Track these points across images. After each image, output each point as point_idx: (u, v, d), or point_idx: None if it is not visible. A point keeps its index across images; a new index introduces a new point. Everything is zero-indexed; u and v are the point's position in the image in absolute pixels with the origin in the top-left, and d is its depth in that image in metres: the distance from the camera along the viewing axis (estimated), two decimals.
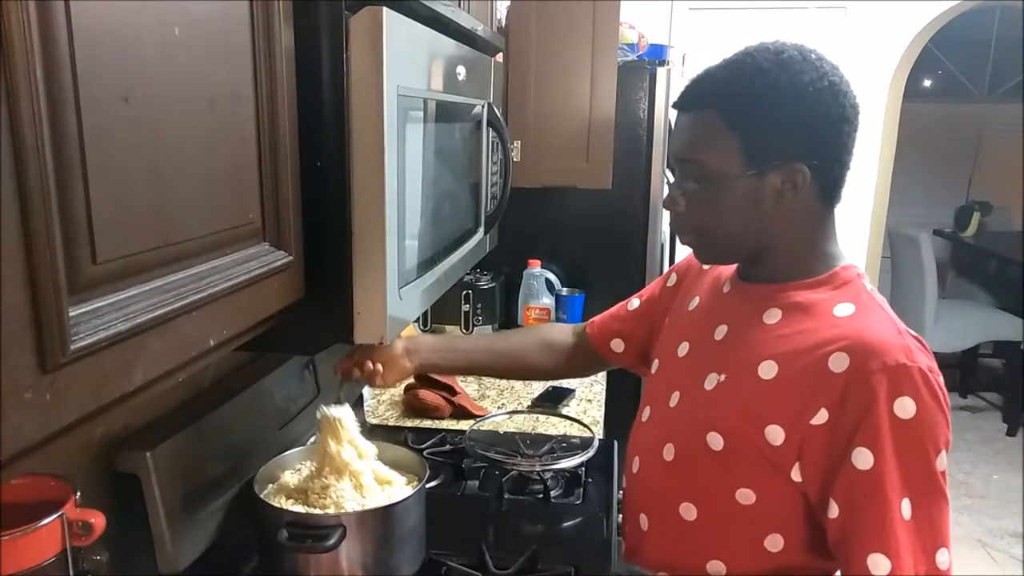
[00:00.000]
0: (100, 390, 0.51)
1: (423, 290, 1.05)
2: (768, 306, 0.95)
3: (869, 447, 0.81)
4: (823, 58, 0.90)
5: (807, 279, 0.93)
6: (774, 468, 0.89)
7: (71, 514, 0.78)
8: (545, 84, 2.08)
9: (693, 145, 0.92)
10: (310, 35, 0.79)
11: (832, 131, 0.90)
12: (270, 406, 1.31)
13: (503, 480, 1.47)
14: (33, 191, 0.44)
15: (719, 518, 0.95)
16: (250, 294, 0.71)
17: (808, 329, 0.89)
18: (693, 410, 0.98)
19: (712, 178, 0.91)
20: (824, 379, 0.85)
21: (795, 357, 0.88)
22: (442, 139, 1.12)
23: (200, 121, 0.63)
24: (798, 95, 0.87)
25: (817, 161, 0.89)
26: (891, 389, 0.81)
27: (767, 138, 0.88)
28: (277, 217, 0.77)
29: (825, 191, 0.92)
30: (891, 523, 0.81)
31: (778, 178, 0.89)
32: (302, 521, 1.04)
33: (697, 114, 0.92)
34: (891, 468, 0.81)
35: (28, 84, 0.43)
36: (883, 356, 0.82)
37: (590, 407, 1.91)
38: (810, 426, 0.85)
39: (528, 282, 2.38)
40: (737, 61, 0.91)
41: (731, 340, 0.98)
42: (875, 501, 0.82)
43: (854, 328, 0.86)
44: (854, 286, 0.92)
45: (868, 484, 0.82)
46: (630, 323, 1.27)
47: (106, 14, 0.50)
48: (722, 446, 0.92)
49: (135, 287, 0.55)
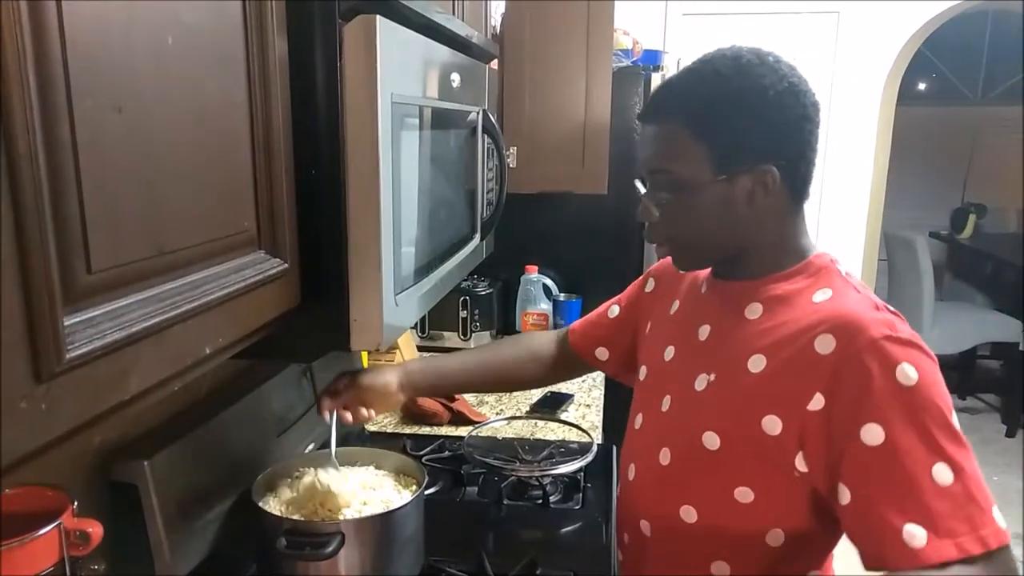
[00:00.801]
0: (95, 399, 0.51)
1: (419, 296, 1.05)
2: (748, 301, 0.96)
3: (877, 421, 0.79)
4: (780, 60, 0.92)
5: (782, 271, 0.95)
6: (773, 463, 0.89)
7: (69, 524, 0.77)
8: (540, 90, 2.09)
9: (661, 155, 0.93)
10: (304, 43, 0.79)
11: (796, 130, 0.91)
12: (268, 414, 1.31)
13: (502, 486, 1.47)
14: (27, 202, 0.44)
15: (719, 518, 0.95)
16: (246, 302, 0.71)
17: (790, 319, 0.91)
18: (686, 412, 0.99)
19: (684, 186, 0.92)
20: (814, 363, 0.85)
21: (782, 347, 0.89)
22: (437, 146, 1.12)
23: (194, 130, 0.63)
24: (760, 98, 0.89)
25: (784, 161, 0.91)
26: (885, 361, 0.81)
27: (734, 143, 0.90)
28: (272, 225, 0.77)
29: (794, 189, 0.94)
30: (921, 492, 0.77)
31: (748, 181, 0.91)
32: (301, 529, 1.04)
33: (663, 125, 0.93)
34: (907, 437, 0.78)
35: (22, 95, 0.43)
36: (868, 331, 0.83)
37: (589, 412, 1.91)
38: (808, 412, 0.85)
39: (525, 287, 2.38)
40: (697, 70, 0.93)
41: (716, 339, 0.98)
42: (896, 473, 0.79)
43: (834, 310, 0.87)
44: (828, 272, 0.94)
45: (884, 458, 0.79)
46: (613, 331, 1.27)
47: (99, 25, 0.50)
48: (718, 445, 0.93)
49: (130, 296, 0.55)
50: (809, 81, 0.93)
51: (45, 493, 0.81)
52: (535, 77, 2.09)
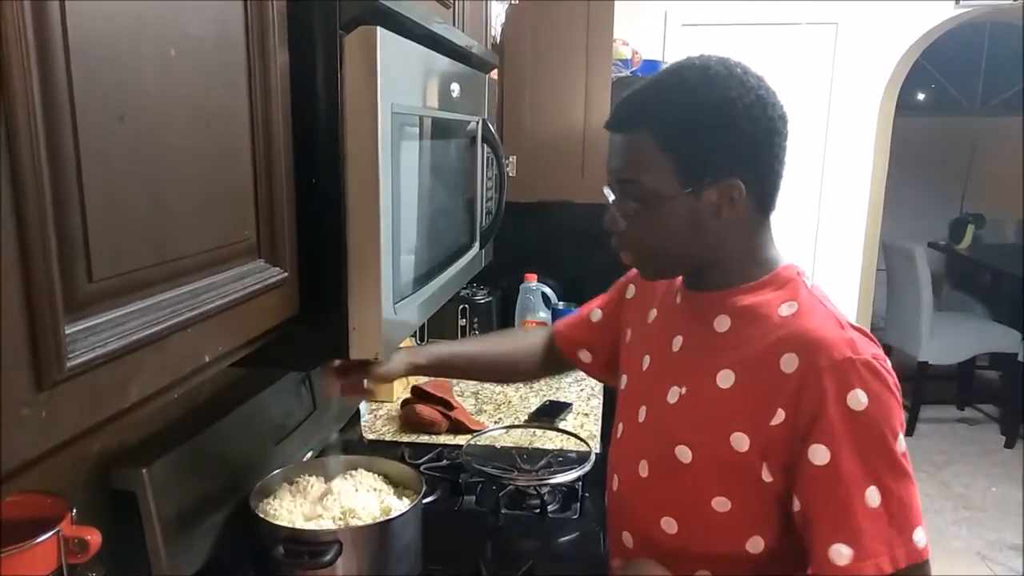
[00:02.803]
0: (96, 407, 0.52)
1: (418, 305, 1.05)
2: (717, 313, 0.97)
3: (824, 443, 0.83)
4: (748, 71, 0.91)
5: (750, 283, 0.96)
6: (743, 475, 0.91)
7: (67, 531, 0.78)
8: (540, 100, 2.10)
9: (629, 165, 0.93)
10: (305, 54, 0.80)
11: (763, 144, 0.91)
12: (266, 421, 1.31)
13: (500, 495, 1.47)
14: (31, 211, 0.44)
15: (699, 529, 0.96)
16: (245, 310, 0.71)
17: (758, 334, 0.92)
18: (659, 425, 1.00)
19: (651, 198, 0.92)
20: (778, 381, 0.87)
21: (749, 363, 0.91)
22: (437, 155, 1.13)
23: (196, 140, 0.63)
24: (727, 111, 0.88)
25: (751, 174, 0.91)
26: (841, 384, 0.83)
27: (700, 156, 0.90)
28: (272, 234, 0.77)
29: (761, 202, 0.94)
30: (852, 513, 0.82)
31: (714, 194, 0.90)
32: (298, 537, 1.04)
33: (630, 134, 0.93)
34: (849, 460, 0.82)
35: (26, 105, 0.43)
36: (830, 352, 0.85)
37: (587, 421, 1.91)
38: (770, 427, 0.87)
39: (524, 296, 2.38)
40: (664, 80, 0.93)
41: (687, 351, 1.00)
42: (835, 494, 0.83)
43: (799, 327, 0.89)
44: (794, 284, 0.95)
45: (826, 478, 0.83)
46: (595, 334, 1.27)
47: (103, 36, 0.51)
48: (691, 459, 0.94)
49: (131, 304, 0.55)
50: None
51: (44, 500, 0.81)
52: (535, 87, 2.11)
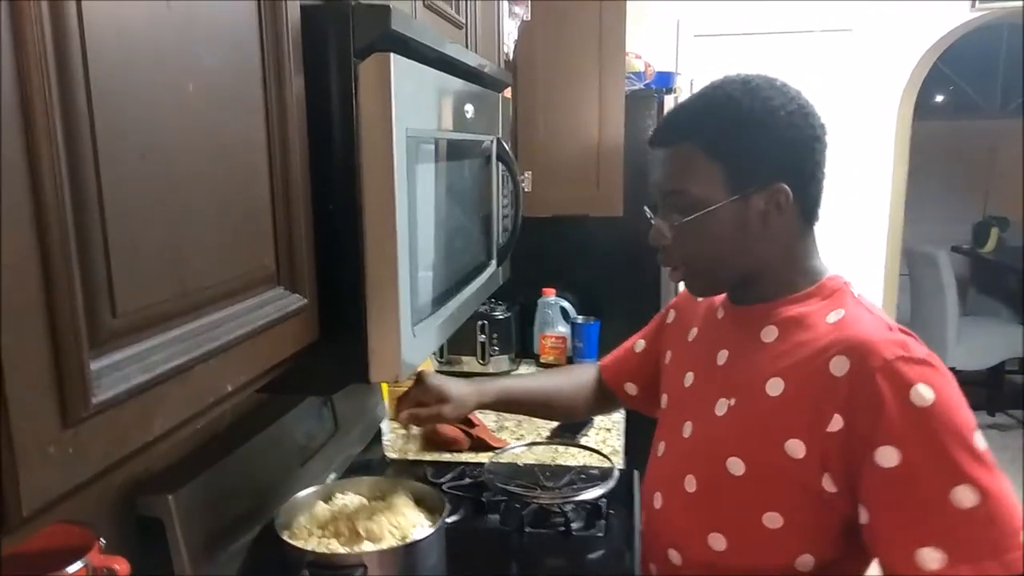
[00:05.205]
0: (121, 441, 0.52)
1: (438, 326, 1.05)
2: (763, 324, 0.96)
3: (892, 443, 0.80)
4: (787, 84, 0.94)
5: (796, 293, 0.96)
6: (800, 486, 0.89)
7: (96, 561, 0.78)
8: (554, 114, 2.10)
9: (676, 176, 0.95)
10: (320, 82, 0.81)
11: (806, 150, 0.93)
12: (289, 444, 1.32)
13: (523, 513, 1.46)
14: (55, 248, 0.45)
15: (749, 545, 0.94)
16: (266, 339, 0.72)
17: (805, 340, 0.91)
18: (708, 438, 0.99)
19: (699, 206, 0.93)
20: (829, 384, 0.86)
21: (798, 369, 0.90)
22: (452, 176, 1.13)
23: (214, 170, 0.64)
24: (771, 119, 0.91)
25: (796, 180, 0.92)
26: (897, 383, 0.81)
27: (747, 162, 0.91)
28: (291, 261, 0.78)
29: (805, 209, 0.95)
30: (936, 515, 0.78)
31: (762, 200, 0.92)
32: (323, 561, 1.04)
33: (675, 148, 0.95)
34: (923, 459, 0.79)
35: (49, 145, 0.44)
36: (881, 352, 0.83)
37: (609, 436, 1.90)
38: (827, 434, 0.85)
39: (543, 311, 2.38)
40: (707, 94, 0.95)
41: (733, 363, 0.99)
42: (913, 495, 0.79)
43: (847, 331, 0.88)
44: (841, 294, 0.95)
45: (899, 481, 0.80)
46: (640, 365, 1.29)
47: (123, 75, 0.51)
48: (743, 470, 0.92)
49: (154, 338, 0.56)
50: (817, 104, 0.95)
51: (72, 530, 0.81)
52: (548, 102, 2.11)
